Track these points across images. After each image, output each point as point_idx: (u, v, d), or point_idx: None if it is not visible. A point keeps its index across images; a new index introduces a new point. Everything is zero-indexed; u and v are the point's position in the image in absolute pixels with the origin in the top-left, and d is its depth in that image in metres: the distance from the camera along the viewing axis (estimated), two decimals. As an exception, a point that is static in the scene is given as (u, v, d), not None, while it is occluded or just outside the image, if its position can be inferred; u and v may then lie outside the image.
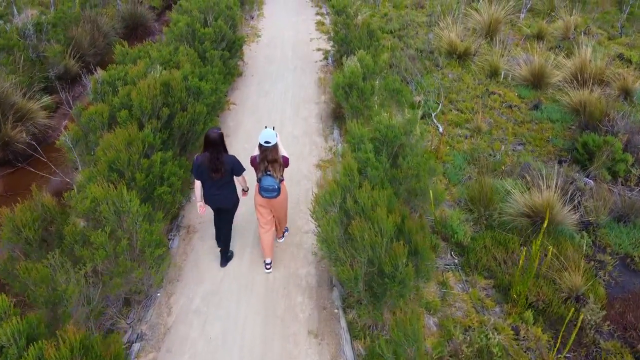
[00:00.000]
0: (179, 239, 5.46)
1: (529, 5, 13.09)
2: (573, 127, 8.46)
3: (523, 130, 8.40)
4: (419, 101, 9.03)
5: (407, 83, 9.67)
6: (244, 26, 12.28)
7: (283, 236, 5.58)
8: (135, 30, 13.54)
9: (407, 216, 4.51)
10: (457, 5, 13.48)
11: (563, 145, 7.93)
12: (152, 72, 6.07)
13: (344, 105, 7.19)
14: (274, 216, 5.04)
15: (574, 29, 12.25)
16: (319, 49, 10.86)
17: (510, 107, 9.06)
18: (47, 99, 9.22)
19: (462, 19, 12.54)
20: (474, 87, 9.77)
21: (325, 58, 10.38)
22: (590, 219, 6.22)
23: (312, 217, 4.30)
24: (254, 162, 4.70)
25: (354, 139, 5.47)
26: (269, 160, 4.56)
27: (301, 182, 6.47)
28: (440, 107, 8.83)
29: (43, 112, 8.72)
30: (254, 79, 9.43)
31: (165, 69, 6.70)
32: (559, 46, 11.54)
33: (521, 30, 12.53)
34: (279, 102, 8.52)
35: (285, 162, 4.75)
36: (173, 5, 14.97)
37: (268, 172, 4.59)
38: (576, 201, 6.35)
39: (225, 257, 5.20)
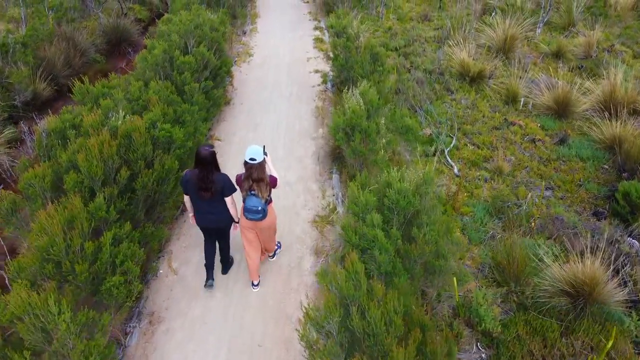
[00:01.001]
0: (138, 333, 4.38)
1: (546, 19, 12.02)
2: (607, 167, 7.40)
3: (550, 170, 7.34)
4: (430, 134, 7.97)
5: (415, 111, 8.61)
6: (235, 43, 11.23)
7: (275, 254, 5.22)
8: (118, 45, 12.48)
9: (428, 326, 3.45)
10: (468, 18, 12.41)
11: (598, 191, 6.86)
12: (114, 118, 5.01)
13: (345, 149, 6.13)
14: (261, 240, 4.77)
15: (596, 46, 11.18)
16: (316, 71, 9.80)
17: (533, 141, 7.99)
18: (10, 131, 8.19)
19: (473, 35, 11.48)
20: (490, 116, 8.71)
21: (324, 82, 9.32)
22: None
23: (300, 340, 3.23)
24: (239, 180, 4.48)
25: (358, 206, 4.41)
26: (254, 178, 4.32)
27: (293, 246, 5.41)
28: (454, 141, 7.77)
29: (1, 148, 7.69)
30: (244, 107, 8.37)
31: (132, 109, 5.65)
32: (581, 66, 10.47)
33: (538, 47, 11.46)
34: (270, 136, 7.47)
35: (273, 183, 4.49)
36: (158, 18, 14.01)
37: (252, 192, 4.34)
38: (622, 272, 5.29)
39: (226, 266, 5.08)
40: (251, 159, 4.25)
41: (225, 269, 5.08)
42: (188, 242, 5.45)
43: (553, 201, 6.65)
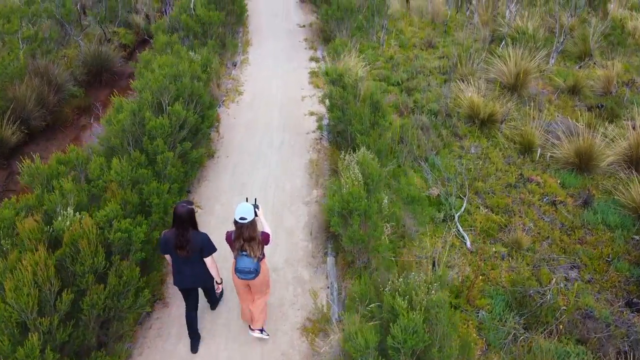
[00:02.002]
0: None
1: (560, 49, 11.15)
2: (638, 237, 6.53)
3: (574, 242, 6.47)
4: (438, 194, 7.10)
5: (420, 163, 7.74)
6: (224, 77, 10.36)
7: (263, 330, 4.72)
8: (99, 75, 11.62)
9: None
10: (476, 47, 11.55)
11: (629, 272, 5.98)
12: (60, 219, 4.14)
13: (342, 234, 5.26)
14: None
15: (616, 80, 10.30)
16: (312, 113, 8.93)
17: (553, 203, 7.12)
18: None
19: (482, 67, 10.61)
20: (504, 169, 7.84)
21: (319, 128, 8.46)
22: None
23: None
24: (229, 238, 4.33)
25: (354, 347, 3.55)
26: (245, 238, 4.16)
27: (278, 362, 4.54)
28: (465, 204, 6.90)
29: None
30: (229, 161, 7.50)
31: (89, 193, 4.79)
32: (601, 105, 9.60)
33: (552, 80, 10.59)
34: (258, 199, 6.58)
35: (266, 239, 4.31)
36: (145, 43, 13.07)
37: (244, 252, 4.19)
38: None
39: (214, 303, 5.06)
40: (241, 219, 4.07)
41: (214, 305, 5.08)
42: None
43: (580, 286, 5.77)
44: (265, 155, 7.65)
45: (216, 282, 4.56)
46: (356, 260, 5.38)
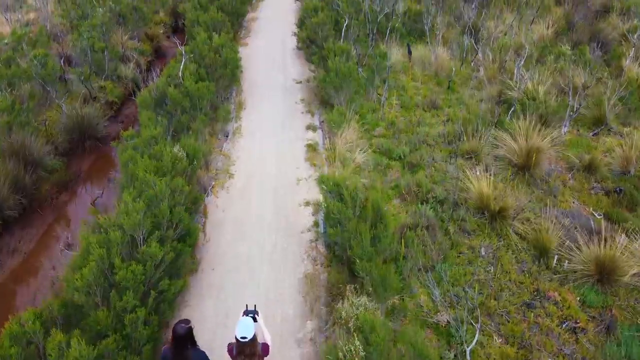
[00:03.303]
0: None
1: (574, 117, 10.45)
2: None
3: (599, 387, 5.78)
4: (447, 322, 6.40)
5: (426, 273, 7.04)
6: (215, 152, 9.67)
7: None
8: (82, 142, 10.91)
9: None
10: (482, 111, 10.85)
11: None
12: None
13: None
14: None
15: (635, 156, 9.58)
16: (307, 203, 8.25)
17: (573, 331, 6.42)
18: None
19: (490, 137, 9.91)
20: (518, 280, 7.14)
21: (316, 224, 7.76)
22: None
23: None
24: (230, 352, 4.36)
25: None
26: (247, 354, 4.22)
27: None
28: (477, 335, 6.19)
29: None
30: (215, 277, 6.81)
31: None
32: (619, 190, 8.89)
33: (566, 153, 9.88)
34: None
35: (265, 352, 4.36)
36: (134, 95, 12.27)
37: None
38: None
39: None
40: (242, 337, 4.11)
41: None
42: None
43: None
44: (254, 267, 6.95)
45: None
46: None
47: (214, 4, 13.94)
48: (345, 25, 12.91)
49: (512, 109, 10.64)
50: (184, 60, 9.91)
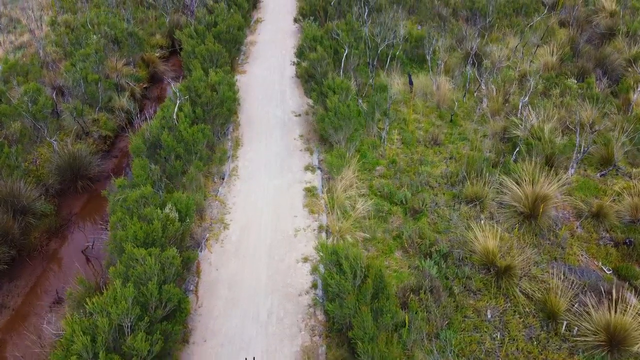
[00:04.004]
0: None
1: (581, 158, 10.12)
2: None
3: None
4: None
5: (430, 340, 6.73)
6: (211, 196, 9.35)
7: None
8: (74, 182, 10.59)
9: None
10: (488, 154, 10.53)
11: None
12: None
13: None
14: None
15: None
16: (305, 259, 7.93)
17: (585, 412, 6.11)
18: None
19: (494, 184, 9.58)
20: (526, 349, 6.82)
21: (314, 286, 7.44)
22: None
23: None
24: None
25: None
26: None
27: None
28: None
29: None
30: (207, 350, 6.48)
31: None
32: (629, 242, 8.56)
33: (572, 196, 9.55)
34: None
35: None
36: (130, 126, 11.94)
37: None
38: None
39: None
40: None
41: None
42: None
43: None
44: (249, 339, 6.62)
45: None
46: None
47: (210, 30, 13.60)
48: (345, 54, 12.60)
49: (517, 149, 10.31)
50: (178, 102, 9.58)
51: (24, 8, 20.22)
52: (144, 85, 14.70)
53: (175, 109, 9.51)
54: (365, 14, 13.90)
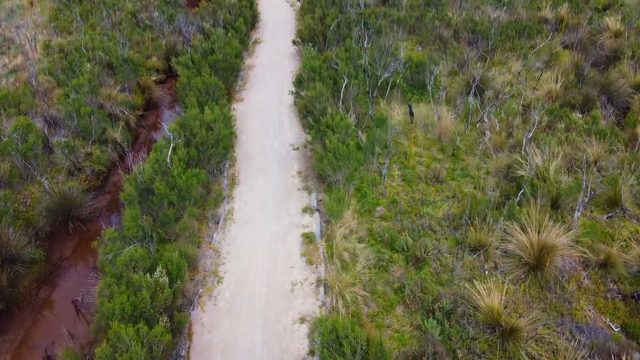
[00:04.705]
0: None
1: (587, 200, 9.80)
2: None
3: None
4: None
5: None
6: (205, 244, 9.05)
7: None
8: (65, 223, 10.28)
9: None
10: (492, 196, 10.22)
11: None
12: None
13: None
14: None
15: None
16: (302, 320, 7.62)
17: None
18: None
19: (499, 232, 9.25)
20: (532, 423, 6.53)
21: (312, 353, 7.13)
22: None
23: None
24: None
25: None
26: None
27: None
28: None
29: None
30: None
31: None
32: (637, 295, 8.26)
33: (579, 249, 9.23)
34: None
35: None
36: (122, 160, 11.64)
37: None
38: None
39: None
40: None
41: None
42: None
43: None
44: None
45: None
46: None
47: (207, 58, 13.28)
48: (344, 85, 12.30)
49: (522, 190, 9.99)
50: (171, 145, 9.27)
51: (19, 26, 19.89)
52: (139, 113, 14.38)
53: (169, 153, 9.20)
54: (365, 41, 13.57)
